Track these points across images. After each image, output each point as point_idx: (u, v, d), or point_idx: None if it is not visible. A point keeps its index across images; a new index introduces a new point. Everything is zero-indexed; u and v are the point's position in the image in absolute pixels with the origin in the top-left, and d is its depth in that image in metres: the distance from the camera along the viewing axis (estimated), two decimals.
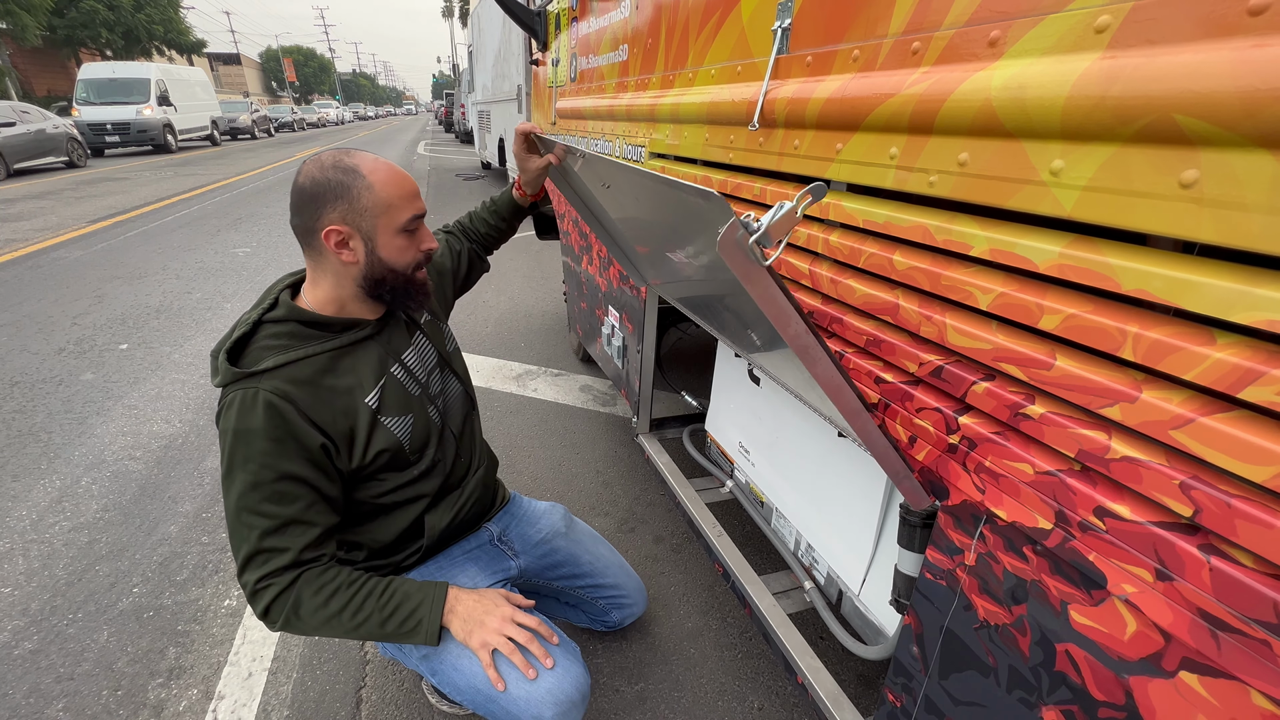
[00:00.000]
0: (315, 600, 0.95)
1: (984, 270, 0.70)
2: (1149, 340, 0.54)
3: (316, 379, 0.98)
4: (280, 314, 1.00)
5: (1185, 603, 0.53)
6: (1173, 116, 0.49)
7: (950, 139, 0.71)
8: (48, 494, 2.11)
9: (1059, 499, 0.63)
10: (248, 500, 0.92)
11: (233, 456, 0.93)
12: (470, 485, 1.26)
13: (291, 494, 0.95)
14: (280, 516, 0.94)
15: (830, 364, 0.68)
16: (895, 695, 0.92)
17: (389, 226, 0.97)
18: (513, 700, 1.04)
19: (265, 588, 0.93)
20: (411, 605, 1.00)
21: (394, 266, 1.00)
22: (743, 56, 1.13)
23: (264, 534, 0.93)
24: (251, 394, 0.92)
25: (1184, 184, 0.50)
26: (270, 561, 0.93)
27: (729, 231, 0.56)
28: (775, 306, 0.63)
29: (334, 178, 0.93)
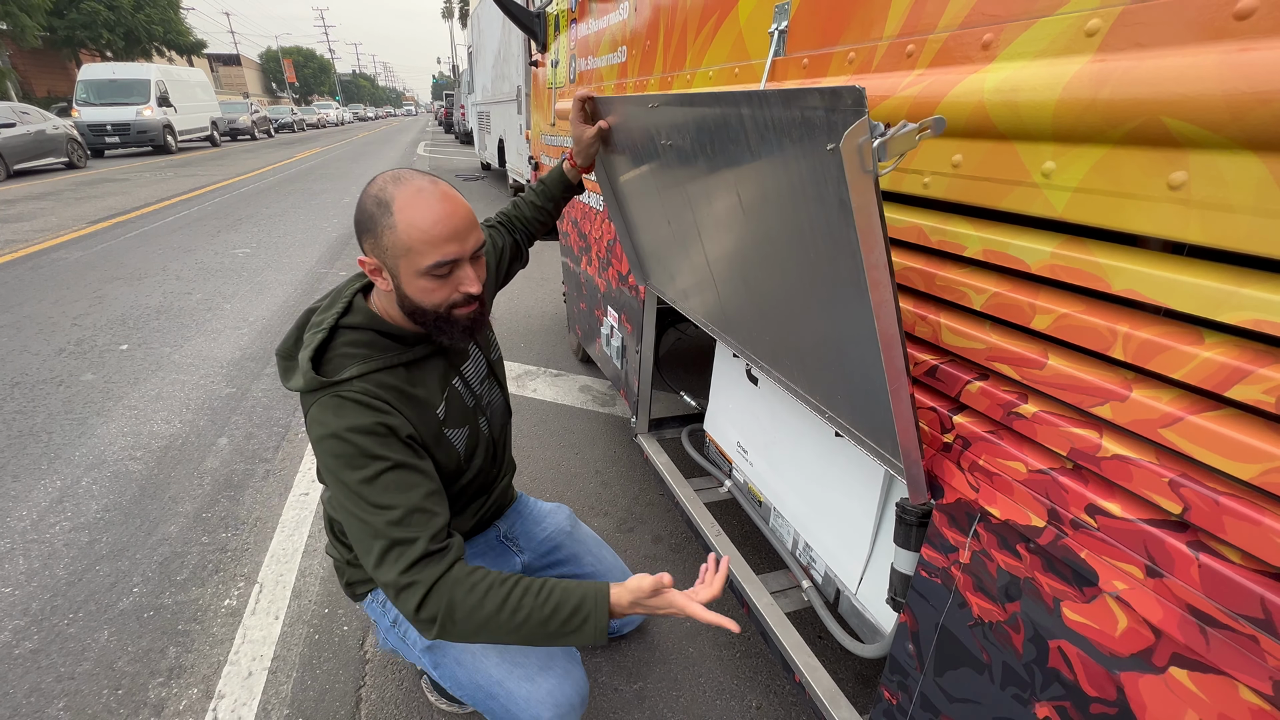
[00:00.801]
0: (470, 600, 0.89)
1: (977, 271, 0.71)
2: (1139, 340, 0.54)
3: (399, 387, 0.97)
4: (358, 320, 0.98)
5: (1175, 599, 0.54)
6: (1161, 119, 0.50)
7: (944, 140, 0.71)
8: (48, 494, 2.11)
9: (1051, 497, 0.64)
10: (365, 496, 0.89)
11: (339, 458, 0.90)
12: (496, 493, 1.28)
13: (407, 482, 0.92)
14: (401, 506, 0.90)
15: (894, 310, 0.64)
16: (891, 693, 0.93)
17: (410, 269, 0.90)
18: (513, 698, 1.05)
19: (410, 585, 0.88)
20: (574, 602, 0.92)
21: (421, 306, 0.94)
22: (740, 58, 1.14)
23: (390, 525, 0.89)
24: (343, 397, 0.91)
25: (1172, 185, 0.50)
26: (404, 554, 0.88)
27: (859, 128, 0.54)
28: (869, 224, 0.59)
29: (369, 208, 0.90)
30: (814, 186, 0.67)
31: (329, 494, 0.96)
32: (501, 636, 0.90)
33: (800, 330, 0.93)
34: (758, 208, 0.86)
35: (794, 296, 0.89)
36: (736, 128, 0.78)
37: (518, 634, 0.90)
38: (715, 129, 0.85)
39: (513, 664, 1.09)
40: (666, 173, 1.12)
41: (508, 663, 1.09)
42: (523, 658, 1.10)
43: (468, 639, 0.90)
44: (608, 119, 1.24)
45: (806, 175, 0.67)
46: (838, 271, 0.71)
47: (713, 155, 0.90)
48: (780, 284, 0.91)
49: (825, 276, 0.75)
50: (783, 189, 0.74)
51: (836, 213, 0.64)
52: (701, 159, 0.95)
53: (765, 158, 0.75)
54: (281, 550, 1.88)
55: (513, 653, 1.10)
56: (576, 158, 1.32)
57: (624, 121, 1.19)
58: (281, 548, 1.89)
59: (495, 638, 0.90)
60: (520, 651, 1.11)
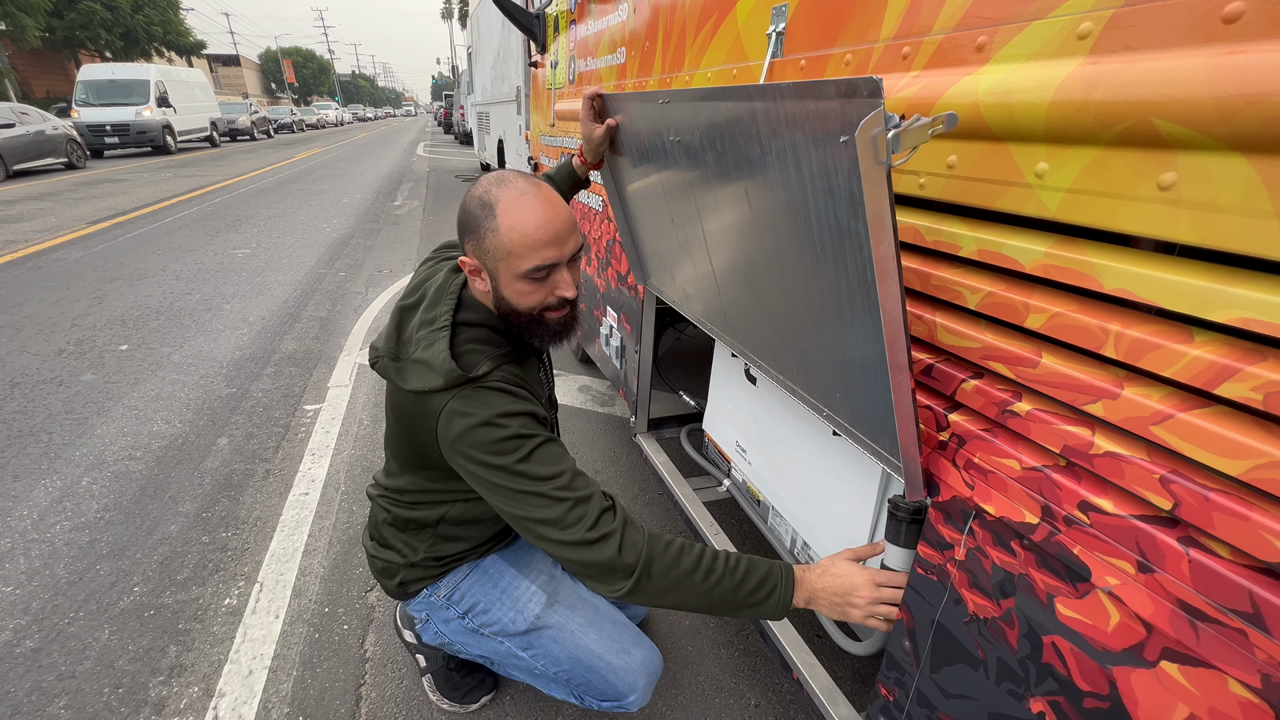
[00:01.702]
0: (667, 556, 0.90)
1: (972, 270, 0.72)
2: (1130, 338, 0.55)
3: (523, 377, 0.99)
4: (474, 317, 0.99)
5: (1165, 594, 0.54)
6: (1151, 121, 0.50)
7: (939, 142, 0.72)
8: (49, 494, 2.12)
9: (1045, 494, 0.64)
10: (529, 472, 0.89)
11: (494, 444, 0.90)
12: None
13: (559, 454, 0.93)
14: (566, 471, 0.91)
15: (900, 300, 0.65)
16: (888, 689, 0.94)
17: (509, 271, 0.92)
18: (612, 669, 1.13)
19: (605, 536, 0.88)
20: (761, 573, 0.93)
21: (516, 308, 0.96)
22: (738, 60, 1.14)
23: (562, 489, 0.89)
24: (488, 388, 0.92)
25: (1162, 186, 0.51)
26: (587, 510, 0.89)
27: (873, 119, 0.54)
28: (880, 217, 0.60)
29: (473, 210, 0.92)
30: (824, 180, 0.68)
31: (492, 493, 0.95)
32: (689, 598, 0.90)
33: (802, 327, 0.94)
34: (765, 203, 0.87)
35: (798, 293, 0.89)
36: (747, 122, 0.79)
37: (707, 597, 0.90)
38: (725, 124, 0.86)
39: (610, 639, 1.17)
40: (673, 170, 1.13)
41: (605, 638, 1.16)
42: (616, 634, 1.18)
43: (655, 597, 0.90)
44: (617, 116, 1.26)
45: (817, 169, 0.68)
46: (845, 265, 0.72)
47: (721, 151, 0.91)
48: (784, 281, 0.92)
49: (832, 271, 0.76)
50: (792, 183, 0.75)
51: (846, 206, 0.65)
52: (710, 155, 0.95)
53: (775, 152, 0.76)
54: (281, 550, 1.88)
55: (607, 629, 1.18)
56: (587, 155, 1.35)
57: (633, 119, 1.20)
58: (281, 547, 1.89)
59: (682, 599, 0.90)
60: (614, 629, 1.19)
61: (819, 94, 0.62)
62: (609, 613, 1.22)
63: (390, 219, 7.03)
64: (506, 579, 1.20)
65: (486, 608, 1.17)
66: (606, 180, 1.46)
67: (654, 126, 1.10)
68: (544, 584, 1.21)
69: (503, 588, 1.19)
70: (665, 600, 0.91)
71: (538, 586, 1.20)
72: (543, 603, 1.18)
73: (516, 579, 1.20)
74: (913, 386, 0.71)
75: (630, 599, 0.89)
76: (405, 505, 1.13)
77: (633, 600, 0.89)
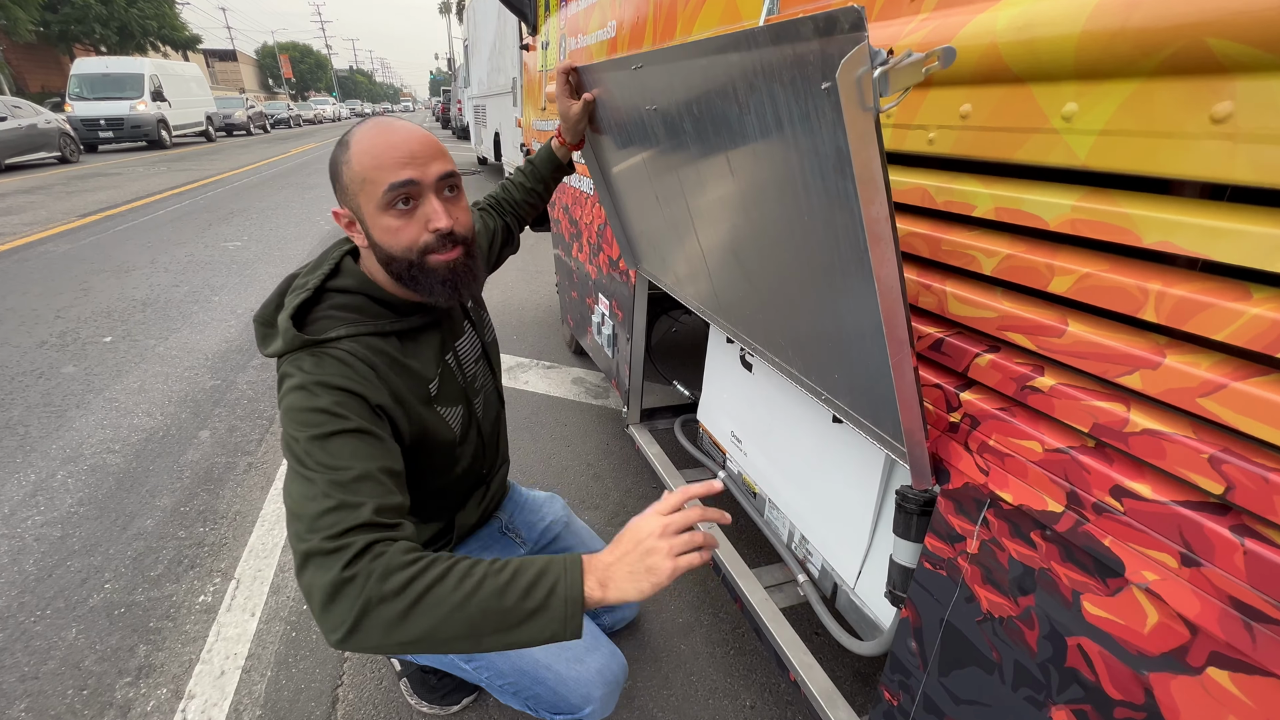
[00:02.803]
0: (409, 569, 0.67)
1: (988, 232, 0.64)
2: (1174, 298, 0.48)
3: (391, 354, 0.88)
4: (348, 283, 0.88)
5: (1215, 591, 0.47)
6: (1205, 41, 0.43)
7: (951, 90, 0.65)
8: (21, 488, 2.05)
9: (1071, 479, 0.57)
10: (313, 454, 0.73)
11: (297, 412, 0.76)
12: (494, 485, 1.23)
13: (366, 450, 0.76)
14: (355, 469, 0.73)
15: (896, 266, 0.57)
16: (892, 693, 0.87)
17: (370, 205, 0.82)
18: (562, 681, 1.02)
19: (336, 550, 0.67)
20: (537, 568, 0.71)
21: (392, 252, 0.84)
22: (732, 21, 1.07)
23: (334, 485, 0.71)
24: (327, 354, 0.81)
25: (1216, 119, 0.44)
26: (343, 519, 0.69)
27: (856, 56, 0.46)
28: (869, 171, 0.52)
29: (333, 155, 0.85)
30: (808, 137, 0.60)
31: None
32: (440, 618, 0.66)
33: (796, 304, 0.87)
34: (749, 171, 0.79)
35: (789, 266, 0.82)
36: (724, 79, 0.71)
37: (463, 610, 0.66)
38: (702, 85, 0.78)
39: (559, 647, 1.04)
40: (654, 143, 1.05)
41: (554, 646, 1.02)
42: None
43: (391, 630, 0.65)
44: (594, 90, 1.18)
45: (800, 124, 0.60)
46: (835, 231, 0.64)
47: (700, 116, 0.84)
48: (774, 254, 0.85)
49: (822, 239, 0.68)
50: (775, 145, 0.67)
51: (833, 163, 0.58)
52: (688, 122, 0.88)
53: (755, 111, 0.68)
54: (261, 545, 1.81)
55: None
56: (566, 134, 1.24)
57: (609, 90, 1.12)
58: (261, 542, 1.82)
59: (432, 622, 0.66)
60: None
61: (795, 35, 0.54)
62: None
63: None
64: None
65: None
66: (590, 161, 1.39)
67: (631, 97, 1.03)
68: None
69: None
70: (403, 630, 0.65)
71: None
72: None
73: None
74: (915, 364, 0.64)
75: (353, 631, 0.65)
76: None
77: (360, 629, 0.65)
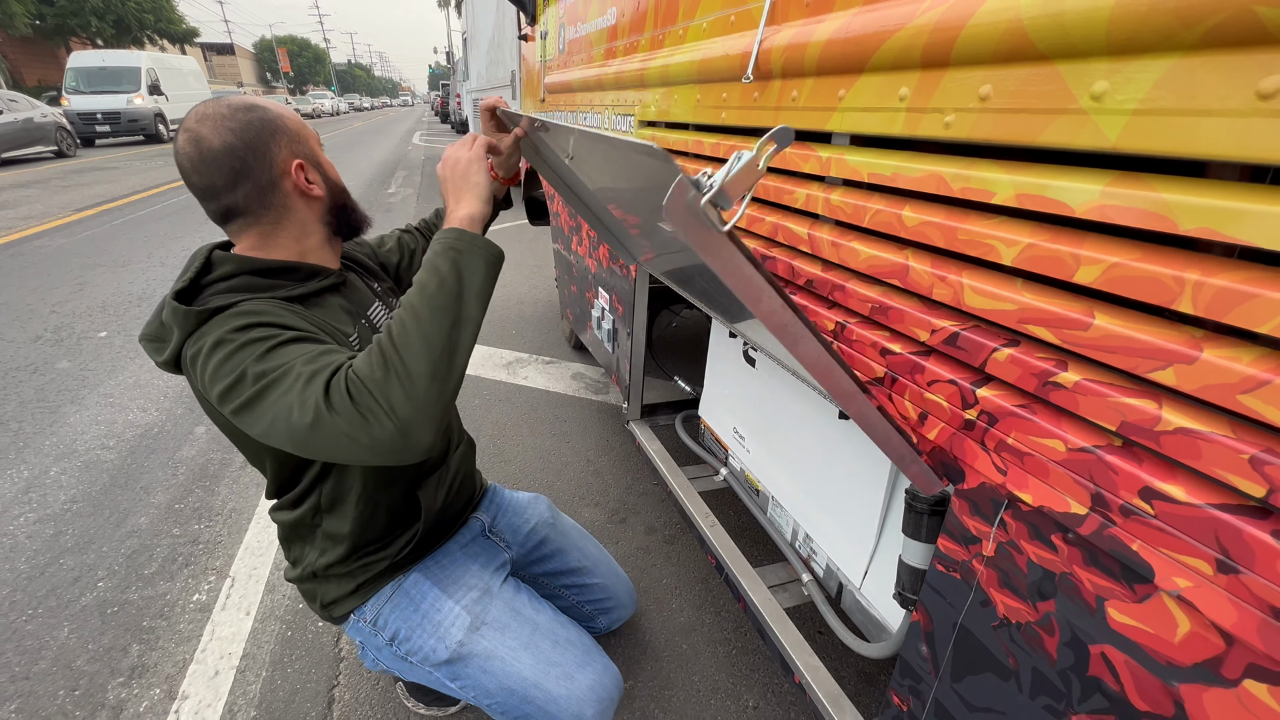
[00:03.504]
0: (374, 349, 0.71)
1: (1008, 221, 0.61)
2: (1213, 288, 0.45)
3: (301, 310, 0.85)
4: (227, 269, 0.84)
5: (1254, 599, 0.45)
6: (1252, 9, 0.40)
7: (970, 70, 0.62)
8: (14, 485, 2.02)
9: (1096, 480, 0.54)
10: (271, 362, 0.72)
11: (226, 360, 0.73)
12: (454, 461, 1.18)
13: (315, 345, 0.77)
14: (313, 351, 0.75)
15: (814, 342, 0.59)
16: (901, 698, 0.84)
17: (317, 145, 0.93)
18: (552, 699, 0.99)
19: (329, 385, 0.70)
20: (429, 257, 0.78)
21: (340, 184, 0.97)
22: (736, 4, 1.03)
23: (305, 361, 0.72)
24: (226, 315, 0.77)
25: (1263, 95, 0.41)
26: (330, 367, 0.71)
27: (677, 192, 0.45)
28: (740, 279, 0.53)
29: (251, 119, 0.83)
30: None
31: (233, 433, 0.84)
32: (420, 341, 0.71)
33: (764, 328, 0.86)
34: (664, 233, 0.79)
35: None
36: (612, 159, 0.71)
37: (422, 323, 0.72)
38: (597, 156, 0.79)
39: (548, 664, 1.02)
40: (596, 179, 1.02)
41: (543, 663, 1.02)
42: (557, 656, 1.04)
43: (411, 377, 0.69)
44: (520, 127, 1.10)
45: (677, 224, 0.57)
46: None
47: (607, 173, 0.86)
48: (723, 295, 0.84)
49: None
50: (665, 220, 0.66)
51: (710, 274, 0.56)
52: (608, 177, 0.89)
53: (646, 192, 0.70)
54: (256, 543, 1.79)
55: (546, 652, 1.04)
56: (498, 169, 1.14)
57: (532, 134, 1.08)
58: (256, 540, 1.80)
59: (419, 348, 0.70)
60: (554, 650, 1.05)
61: (633, 150, 0.55)
62: (551, 630, 1.08)
63: (383, 206, 6.90)
64: (429, 600, 1.06)
65: (408, 635, 1.03)
66: (551, 178, 1.33)
67: (551, 142, 1.01)
68: (471, 603, 1.07)
69: (424, 611, 1.05)
70: (412, 368, 0.69)
71: (462, 608, 1.05)
72: (466, 626, 1.03)
73: (440, 600, 1.06)
74: (876, 403, 0.67)
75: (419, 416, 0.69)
76: (284, 509, 1.01)
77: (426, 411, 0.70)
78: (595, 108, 1.81)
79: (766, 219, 1.00)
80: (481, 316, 0.78)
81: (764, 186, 1.01)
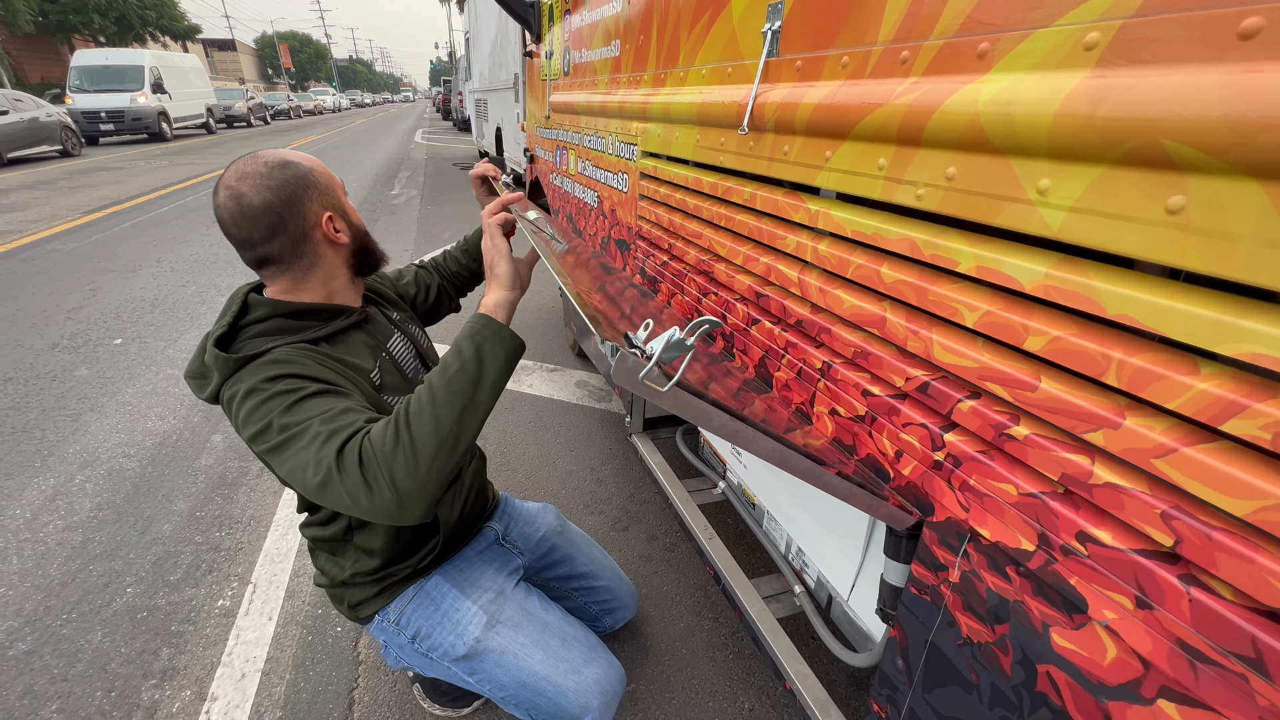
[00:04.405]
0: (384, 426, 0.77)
1: (970, 287, 0.69)
2: (1133, 367, 0.53)
3: (324, 351, 0.94)
4: (261, 313, 0.93)
5: (1164, 632, 0.53)
6: (1160, 141, 0.48)
7: (938, 152, 0.69)
8: (41, 492, 2.11)
9: (1042, 521, 0.62)
10: (292, 417, 0.80)
11: (258, 408, 0.82)
12: (467, 476, 1.27)
13: (336, 400, 0.84)
14: (335, 408, 0.82)
15: (765, 440, 0.70)
16: (881, 705, 0.92)
17: (343, 195, 1.02)
18: (561, 692, 1.08)
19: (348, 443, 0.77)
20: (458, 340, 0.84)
21: (362, 227, 1.06)
22: (733, 58, 1.11)
23: (325, 420, 0.79)
24: (264, 362, 0.86)
25: (1170, 210, 0.49)
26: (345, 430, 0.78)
27: (619, 363, 0.54)
28: (691, 411, 0.65)
29: (287, 176, 0.92)
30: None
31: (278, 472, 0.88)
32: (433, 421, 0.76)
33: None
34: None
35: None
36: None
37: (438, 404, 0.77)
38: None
39: (557, 659, 1.12)
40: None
41: (552, 658, 1.12)
42: (565, 652, 1.13)
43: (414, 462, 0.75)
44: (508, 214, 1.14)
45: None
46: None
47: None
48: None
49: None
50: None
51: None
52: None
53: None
54: (275, 550, 1.87)
55: (555, 648, 1.13)
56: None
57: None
58: (275, 547, 1.88)
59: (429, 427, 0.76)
60: (563, 647, 1.14)
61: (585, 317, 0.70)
62: (559, 628, 1.18)
63: (387, 208, 6.96)
64: (448, 600, 1.15)
65: (429, 632, 1.12)
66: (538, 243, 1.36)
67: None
68: (487, 603, 1.16)
69: (444, 610, 1.14)
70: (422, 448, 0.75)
71: (479, 607, 1.15)
72: (483, 624, 1.12)
73: (458, 600, 1.15)
74: (836, 470, 0.77)
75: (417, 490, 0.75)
76: (316, 525, 1.10)
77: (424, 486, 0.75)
78: (600, 132, 1.89)
79: (761, 259, 1.08)
80: (493, 403, 0.83)
81: (759, 229, 1.08)
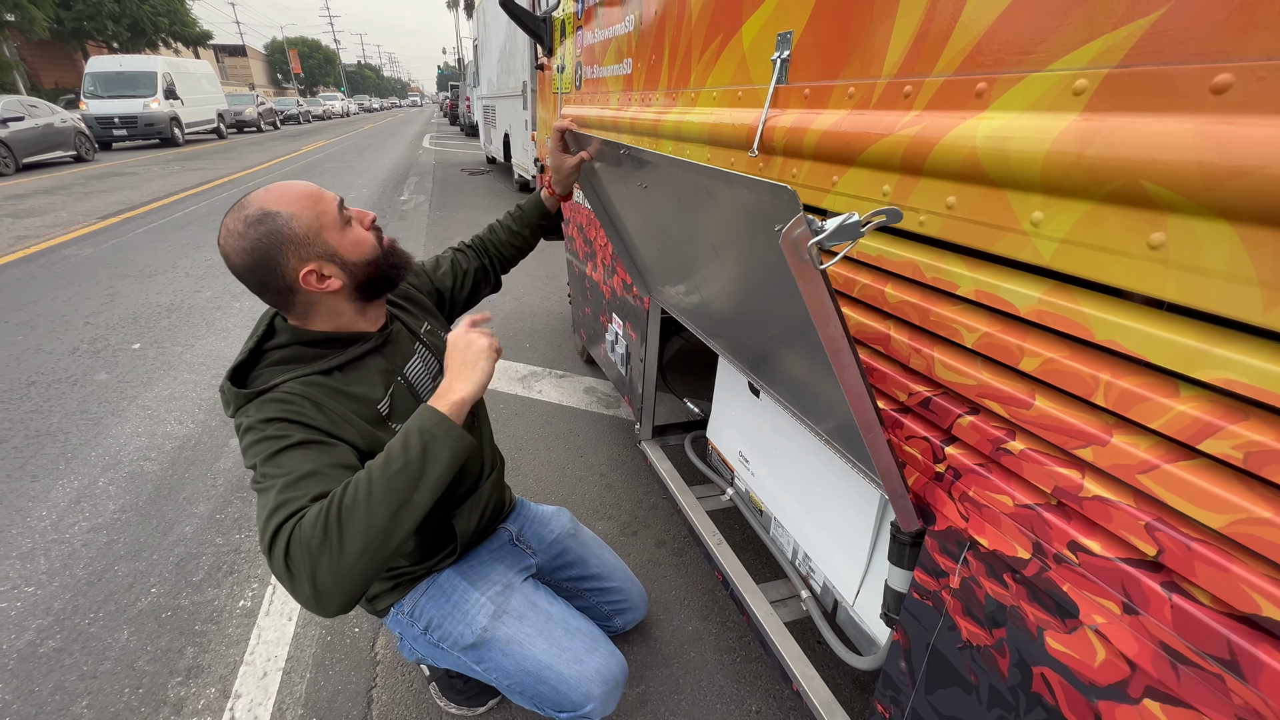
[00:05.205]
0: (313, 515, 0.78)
1: (969, 309, 0.73)
2: (1119, 389, 0.57)
3: (334, 386, 0.98)
4: (282, 339, 0.99)
5: (1149, 635, 0.56)
6: (1141, 182, 0.52)
7: (939, 181, 0.74)
8: (66, 494, 2.17)
9: (1036, 531, 0.66)
10: (268, 470, 0.85)
11: (252, 446, 0.87)
12: (486, 488, 1.31)
13: (311, 456, 0.87)
14: (298, 471, 0.84)
15: (858, 371, 0.68)
16: (884, 707, 0.96)
17: (333, 234, 0.94)
18: (564, 680, 1.13)
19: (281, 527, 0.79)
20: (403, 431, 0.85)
21: (368, 259, 0.99)
22: (743, 82, 1.15)
23: (283, 488, 0.82)
24: (270, 399, 0.90)
25: (1152, 245, 0.53)
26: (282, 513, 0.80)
27: (793, 227, 0.56)
28: (821, 307, 0.63)
29: (261, 233, 0.89)
30: (774, 265, 0.70)
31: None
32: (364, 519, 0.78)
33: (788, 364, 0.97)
34: (730, 263, 0.91)
35: (775, 339, 0.93)
36: (704, 192, 0.81)
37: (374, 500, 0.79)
38: (684, 186, 0.89)
39: (560, 648, 1.16)
40: (648, 208, 1.14)
41: (555, 648, 1.16)
42: (568, 641, 1.18)
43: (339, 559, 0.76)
44: (589, 150, 1.25)
45: (766, 250, 0.70)
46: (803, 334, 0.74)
47: (684, 207, 0.95)
48: (762, 326, 0.95)
49: (795, 336, 0.78)
50: (748, 255, 0.78)
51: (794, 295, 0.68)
52: (676, 206, 0.99)
53: (733, 223, 0.79)
54: None
55: (558, 638, 1.18)
56: (555, 186, 1.34)
57: (602, 157, 1.21)
58: None
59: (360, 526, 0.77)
60: (566, 637, 1.18)
61: (756, 188, 0.65)
62: (563, 620, 1.23)
63: (396, 214, 7.05)
64: (459, 593, 1.20)
65: (440, 622, 1.17)
66: (593, 203, 1.46)
67: (623, 169, 1.12)
68: (495, 595, 1.21)
69: (454, 601, 1.19)
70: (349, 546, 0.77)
71: (487, 599, 1.20)
72: (489, 614, 1.17)
73: (468, 592, 1.21)
74: (888, 436, 0.75)
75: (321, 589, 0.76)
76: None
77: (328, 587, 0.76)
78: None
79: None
80: (430, 503, 0.84)
81: None
